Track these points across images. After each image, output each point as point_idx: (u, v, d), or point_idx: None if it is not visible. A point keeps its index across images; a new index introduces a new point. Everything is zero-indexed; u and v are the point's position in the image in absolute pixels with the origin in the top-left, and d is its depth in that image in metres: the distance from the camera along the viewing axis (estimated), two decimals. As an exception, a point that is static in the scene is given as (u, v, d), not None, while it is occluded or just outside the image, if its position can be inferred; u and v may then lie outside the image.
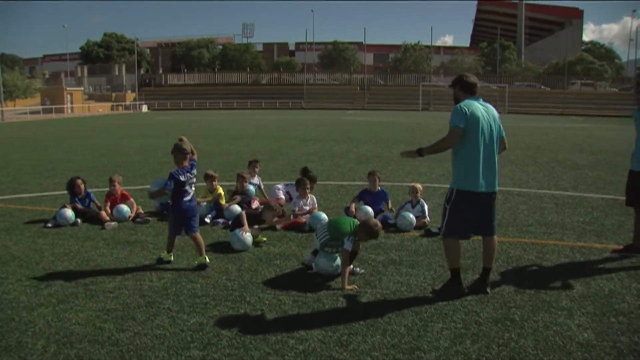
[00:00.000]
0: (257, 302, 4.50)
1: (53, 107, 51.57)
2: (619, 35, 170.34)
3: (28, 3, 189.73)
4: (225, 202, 7.72)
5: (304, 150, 16.77)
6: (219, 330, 3.93)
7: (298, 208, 7.33)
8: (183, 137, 5.64)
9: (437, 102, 59.27)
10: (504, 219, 7.49)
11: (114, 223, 7.15)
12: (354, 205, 7.37)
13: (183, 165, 5.45)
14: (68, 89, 59.22)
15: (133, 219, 7.41)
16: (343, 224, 5.08)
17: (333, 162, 14.01)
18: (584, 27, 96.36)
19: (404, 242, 6.38)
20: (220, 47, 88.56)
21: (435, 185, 10.11)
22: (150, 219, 7.42)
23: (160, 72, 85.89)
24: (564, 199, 9.06)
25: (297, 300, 4.52)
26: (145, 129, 28.23)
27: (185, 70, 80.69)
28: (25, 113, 48.37)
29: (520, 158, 15.01)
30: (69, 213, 7.20)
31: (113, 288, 4.83)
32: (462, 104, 4.51)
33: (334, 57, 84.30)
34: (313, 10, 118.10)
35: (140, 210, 7.60)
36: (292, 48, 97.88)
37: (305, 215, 7.19)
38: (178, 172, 5.40)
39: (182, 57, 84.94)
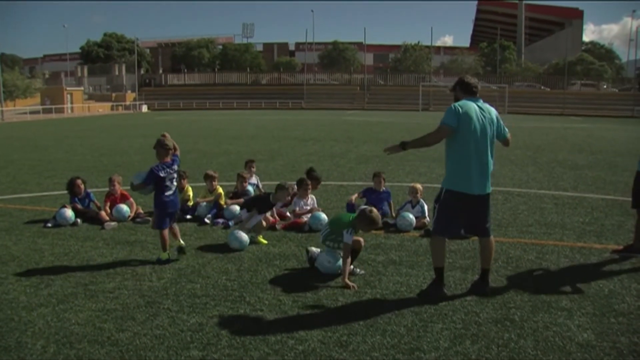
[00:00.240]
0: (256, 302, 4.50)
1: (53, 107, 51.60)
2: (619, 36, 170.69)
3: (28, 3, 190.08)
4: (225, 202, 7.72)
5: (304, 151, 16.77)
6: (219, 331, 3.93)
7: (298, 208, 7.34)
8: (166, 133, 5.77)
9: (437, 102, 59.27)
10: (504, 219, 7.49)
11: (114, 223, 7.16)
12: (355, 197, 7.56)
13: (164, 161, 5.57)
14: (68, 89, 59.25)
15: (133, 219, 7.41)
16: (342, 218, 5.26)
17: (333, 162, 14.01)
18: (584, 27, 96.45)
19: (404, 242, 6.38)
20: (220, 47, 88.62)
21: (436, 186, 10.08)
22: (150, 219, 7.40)
23: (160, 72, 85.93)
24: (564, 199, 9.06)
25: (296, 301, 4.52)
26: (145, 129, 28.22)
27: (185, 70, 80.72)
28: (25, 113, 48.38)
29: (520, 158, 15.01)
30: (69, 213, 7.20)
31: (113, 288, 4.83)
32: (456, 104, 4.51)
33: (334, 57, 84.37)
34: (313, 10, 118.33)
35: (140, 210, 7.60)
36: (292, 48, 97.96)
37: (306, 215, 7.20)
38: (158, 167, 5.53)
39: (182, 57, 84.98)
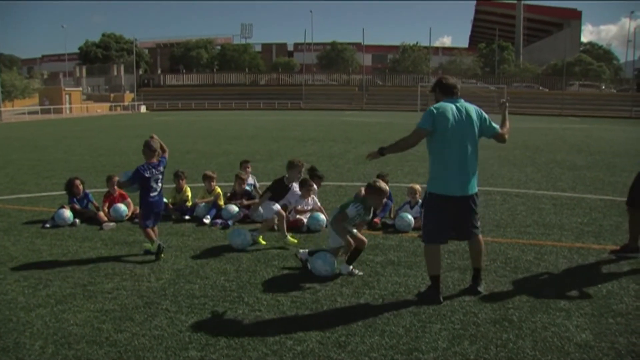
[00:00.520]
0: (255, 302, 4.50)
1: (51, 107, 51.58)
2: (617, 37, 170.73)
3: (26, 3, 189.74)
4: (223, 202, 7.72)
5: (303, 151, 16.77)
6: (217, 331, 3.93)
7: (300, 206, 7.28)
8: (154, 135, 5.97)
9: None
10: (502, 220, 7.50)
11: (112, 224, 7.15)
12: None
13: (151, 162, 5.76)
14: (66, 89, 59.26)
15: (130, 219, 7.41)
16: (349, 201, 5.26)
17: (331, 162, 14.02)
18: (582, 28, 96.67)
19: (402, 243, 6.38)
20: (219, 47, 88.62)
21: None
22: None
23: (159, 72, 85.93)
24: (563, 200, 9.07)
25: (295, 301, 4.52)
26: (144, 130, 28.17)
27: (184, 71, 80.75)
28: (24, 113, 48.36)
29: (519, 159, 15.03)
30: (67, 213, 7.19)
31: (111, 289, 4.82)
32: (433, 106, 4.51)
33: (333, 57, 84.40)
34: (312, 11, 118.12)
35: (138, 211, 7.58)
36: (290, 48, 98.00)
37: (305, 215, 7.18)
38: (144, 167, 5.72)
39: (180, 57, 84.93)
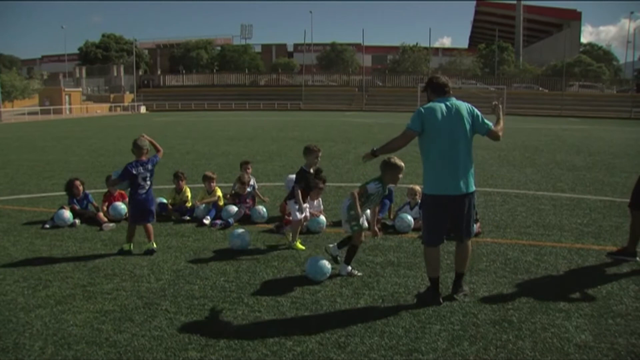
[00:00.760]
0: (254, 303, 4.50)
1: (51, 107, 51.61)
2: (617, 37, 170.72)
3: (27, 3, 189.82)
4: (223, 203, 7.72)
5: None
6: (217, 332, 3.93)
7: (312, 209, 6.95)
8: (144, 134, 6.17)
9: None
10: (502, 221, 7.50)
11: (112, 224, 7.15)
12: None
13: (140, 159, 5.92)
14: (66, 90, 59.29)
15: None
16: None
17: (331, 163, 14.01)
18: (582, 29, 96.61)
19: (402, 243, 6.38)
20: (219, 48, 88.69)
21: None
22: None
23: (159, 73, 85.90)
24: (562, 201, 9.07)
25: (295, 302, 4.52)
26: (143, 130, 28.12)
27: (184, 72, 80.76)
28: (24, 114, 48.36)
29: (519, 159, 15.03)
30: (67, 214, 7.19)
31: (111, 289, 4.82)
32: (422, 107, 4.50)
33: (332, 58, 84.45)
34: (311, 12, 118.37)
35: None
36: (290, 49, 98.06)
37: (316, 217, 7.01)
38: (132, 164, 5.89)
39: (180, 58, 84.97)
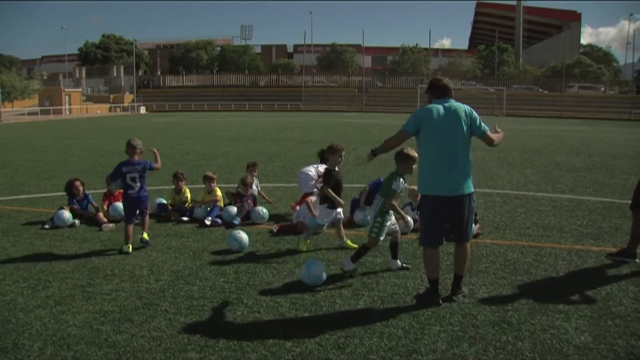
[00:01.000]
0: (254, 304, 4.50)
1: (51, 108, 51.63)
2: (616, 39, 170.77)
3: (26, 3, 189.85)
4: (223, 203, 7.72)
5: (302, 152, 16.76)
6: (216, 333, 3.93)
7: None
8: (135, 137, 6.40)
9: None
10: (502, 222, 7.50)
11: (112, 225, 7.15)
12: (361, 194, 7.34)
13: (131, 159, 6.12)
14: (66, 90, 59.32)
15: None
16: (385, 181, 5.14)
17: (331, 164, 13.98)
18: (582, 30, 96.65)
19: (402, 244, 6.34)
20: (219, 48, 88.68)
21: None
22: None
23: (159, 73, 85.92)
24: (562, 202, 9.07)
25: (294, 303, 4.52)
26: (143, 131, 28.21)
27: (184, 72, 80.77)
28: (23, 114, 48.36)
29: (518, 160, 15.04)
30: (67, 214, 7.19)
31: (110, 290, 4.82)
32: (418, 109, 4.62)
33: (332, 59, 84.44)
34: (311, 12, 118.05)
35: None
36: (290, 50, 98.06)
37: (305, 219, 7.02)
38: (123, 163, 6.12)
39: (180, 58, 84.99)
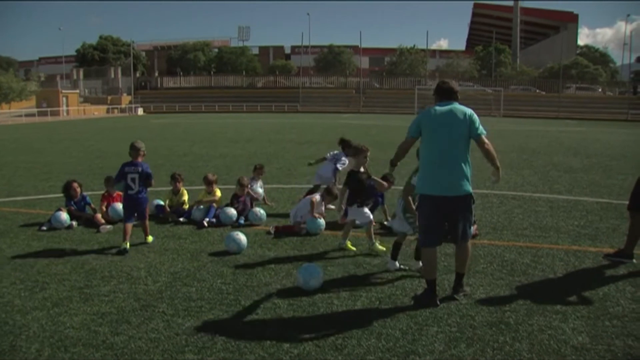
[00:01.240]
0: (252, 305, 4.50)
1: (48, 109, 51.53)
2: (613, 40, 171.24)
3: (24, 4, 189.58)
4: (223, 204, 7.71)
5: (300, 153, 16.76)
6: (214, 334, 3.93)
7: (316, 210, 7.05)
8: (139, 140, 6.49)
9: (432, 105, 59.28)
10: (499, 223, 7.52)
11: (109, 226, 7.14)
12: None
13: (134, 160, 6.24)
14: (64, 92, 59.22)
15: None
16: (406, 185, 5.30)
17: (329, 165, 13.98)
18: (579, 31, 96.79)
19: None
20: (216, 50, 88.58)
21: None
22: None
23: (156, 75, 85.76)
24: (559, 203, 9.09)
25: (292, 304, 4.52)
26: (141, 132, 28.18)
27: (181, 73, 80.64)
28: (21, 115, 48.26)
29: (516, 161, 15.06)
30: (64, 216, 7.18)
31: (108, 291, 4.81)
32: (420, 113, 4.73)
33: (330, 60, 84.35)
34: (309, 14, 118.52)
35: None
36: (287, 51, 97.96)
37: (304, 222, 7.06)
38: (126, 164, 6.24)
39: (178, 60, 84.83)
